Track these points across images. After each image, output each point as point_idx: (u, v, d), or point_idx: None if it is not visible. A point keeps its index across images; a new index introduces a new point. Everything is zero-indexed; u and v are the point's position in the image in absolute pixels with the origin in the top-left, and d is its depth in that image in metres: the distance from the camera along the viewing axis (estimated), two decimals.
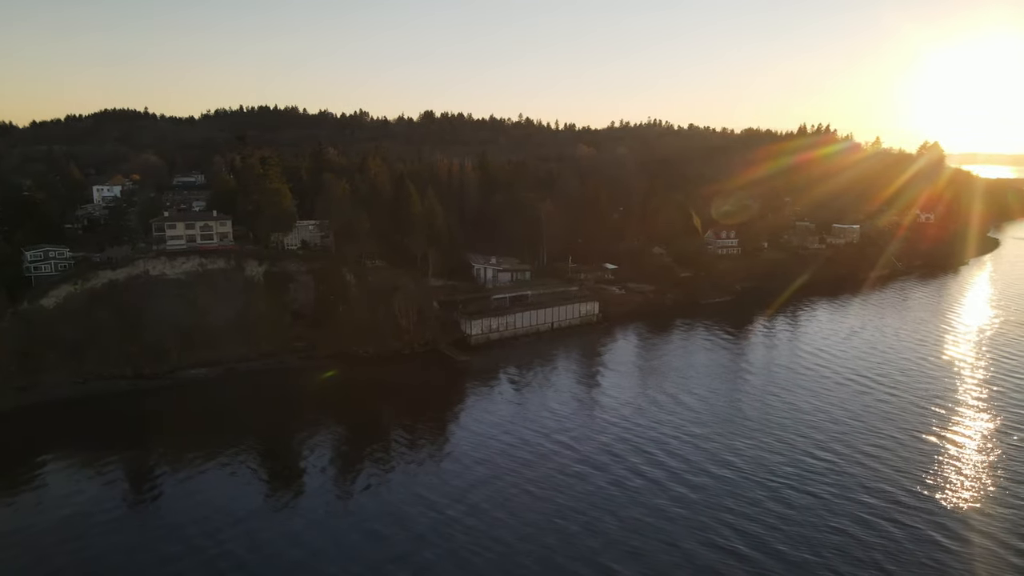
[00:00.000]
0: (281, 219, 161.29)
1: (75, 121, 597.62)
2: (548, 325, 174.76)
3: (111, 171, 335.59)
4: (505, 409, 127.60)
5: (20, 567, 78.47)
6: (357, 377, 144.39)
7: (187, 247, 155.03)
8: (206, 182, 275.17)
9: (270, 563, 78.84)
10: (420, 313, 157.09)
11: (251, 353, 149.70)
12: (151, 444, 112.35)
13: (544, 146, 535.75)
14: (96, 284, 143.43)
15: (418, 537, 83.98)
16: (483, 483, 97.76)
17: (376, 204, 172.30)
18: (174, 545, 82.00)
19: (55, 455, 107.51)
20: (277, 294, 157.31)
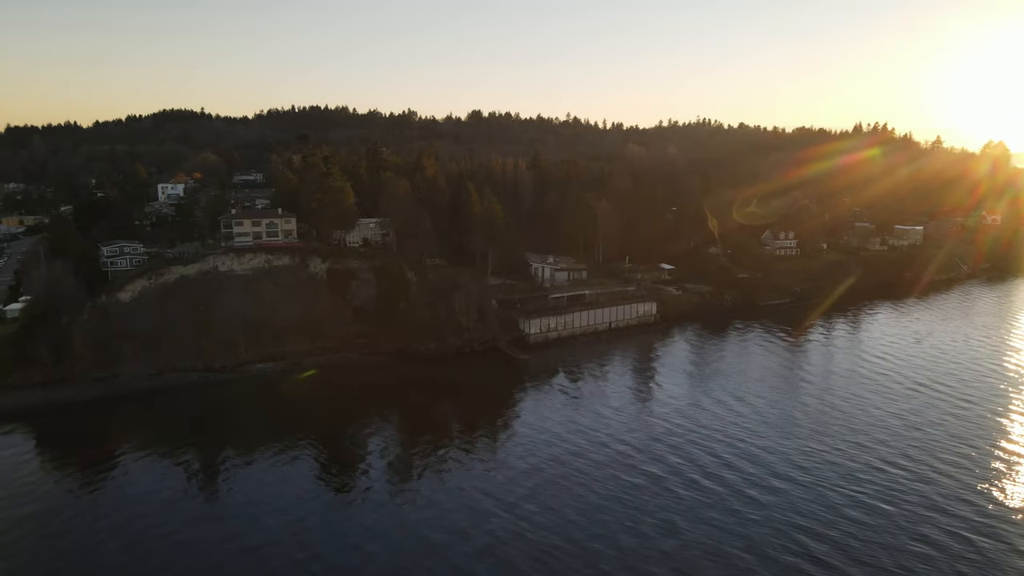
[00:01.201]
0: (344, 217, 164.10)
1: (135, 121, 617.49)
2: (606, 325, 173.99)
3: (174, 169, 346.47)
4: (566, 409, 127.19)
5: (109, 552, 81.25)
6: (419, 374, 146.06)
7: (253, 244, 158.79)
8: (265, 180, 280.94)
9: (349, 555, 80.00)
10: (480, 311, 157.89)
11: (314, 348, 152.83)
12: (223, 436, 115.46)
13: (593, 145, 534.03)
14: (169, 279, 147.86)
15: (491, 533, 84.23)
16: (549, 482, 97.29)
17: (435, 203, 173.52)
18: (254, 535, 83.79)
19: (132, 445, 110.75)
20: (339, 291, 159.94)
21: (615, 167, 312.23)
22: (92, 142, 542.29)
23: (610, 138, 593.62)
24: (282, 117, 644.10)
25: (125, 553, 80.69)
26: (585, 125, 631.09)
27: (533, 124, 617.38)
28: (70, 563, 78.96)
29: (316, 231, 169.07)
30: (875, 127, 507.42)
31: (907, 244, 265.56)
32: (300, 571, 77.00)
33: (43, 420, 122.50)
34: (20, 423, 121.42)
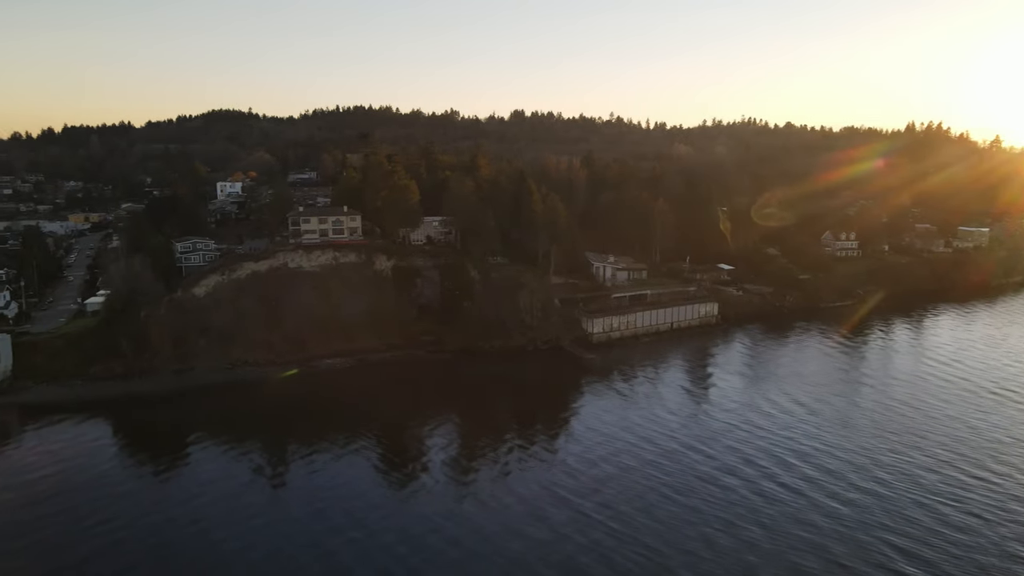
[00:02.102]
0: (409, 215, 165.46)
1: (186, 121, 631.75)
2: (668, 325, 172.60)
3: (229, 168, 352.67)
4: (634, 409, 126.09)
5: (181, 539, 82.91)
6: (484, 371, 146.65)
7: (320, 241, 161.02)
8: (319, 178, 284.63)
9: (417, 549, 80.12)
10: (544, 310, 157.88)
11: (380, 345, 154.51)
12: (292, 429, 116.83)
13: (637, 144, 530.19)
14: (241, 275, 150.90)
15: (556, 531, 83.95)
16: (614, 481, 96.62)
17: (496, 201, 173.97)
18: (322, 528, 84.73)
19: (205, 437, 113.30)
20: (404, 288, 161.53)
21: (665, 167, 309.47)
22: (145, 142, 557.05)
23: (653, 137, 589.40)
24: (327, 117, 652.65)
25: (195, 540, 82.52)
26: (628, 124, 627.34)
27: (576, 123, 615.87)
28: (141, 546, 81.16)
29: (380, 229, 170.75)
30: (929, 126, 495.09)
31: (972, 246, 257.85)
32: (361, 562, 77.77)
33: (123, 410, 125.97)
34: (102, 413, 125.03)
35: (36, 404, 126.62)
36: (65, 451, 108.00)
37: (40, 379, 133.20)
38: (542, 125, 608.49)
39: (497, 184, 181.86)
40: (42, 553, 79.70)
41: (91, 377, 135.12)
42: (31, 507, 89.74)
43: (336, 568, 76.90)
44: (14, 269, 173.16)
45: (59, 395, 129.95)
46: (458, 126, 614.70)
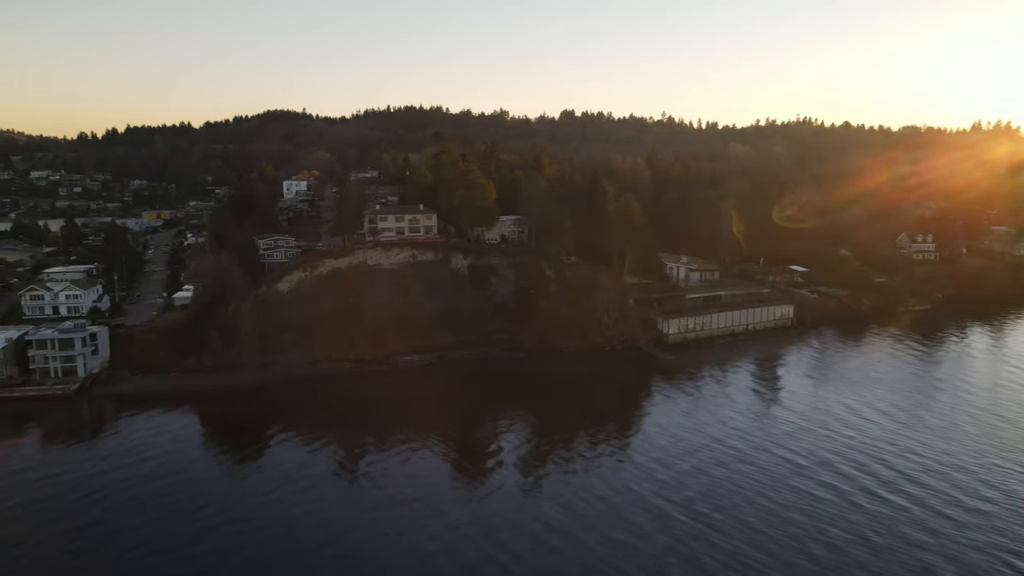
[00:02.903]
0: (485, 214, 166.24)
1: (243, 121, 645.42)
2: (743, 327, 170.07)
3: (288, 168, 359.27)
4: (712, 410, 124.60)
5: (259, 526, 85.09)
6: (561, 370, 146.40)
7: (397, 239, 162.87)
8: (382, 177, 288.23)
9: (501, 547, 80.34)
10: (620, 310, 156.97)
11: (457, 342, 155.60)
12: (372, 424, 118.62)
13: (690, 144, 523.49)
14: (322, 271, 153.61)
15: (636, 528, 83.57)
16: (702, 484, 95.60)
17: (570, 201, 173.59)
18: (389, 522, 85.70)
19: (289, 429, 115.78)
20: (480, 286, 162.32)
21: (727, 167, 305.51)
22: (205, 142, 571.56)
23: (706, 137, 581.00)
24: (378, 117, 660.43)
25: (278, 529, 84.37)
26: (679, 124, 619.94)
27: (627, 123, 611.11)
28: (230, 532, 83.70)
29: (455, 227, 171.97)
30: (997, 125, 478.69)
31: None
32: (445, 559, 78.46)
33: (211, 402, 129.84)
34: (192, 404, 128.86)
35: (133, 394, 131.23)
36: (157, 439, 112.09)
37: (136, 370, 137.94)
38: (593, 125, 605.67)
39: (571, 183, 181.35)
40: (145, 535, 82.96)
41: (183, 369, 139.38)
42: (129, 490, 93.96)
43: (422, 563, 77.60)
44: (102, 264, 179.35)
45: (153, 386, 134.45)
46: (508, 126, 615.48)
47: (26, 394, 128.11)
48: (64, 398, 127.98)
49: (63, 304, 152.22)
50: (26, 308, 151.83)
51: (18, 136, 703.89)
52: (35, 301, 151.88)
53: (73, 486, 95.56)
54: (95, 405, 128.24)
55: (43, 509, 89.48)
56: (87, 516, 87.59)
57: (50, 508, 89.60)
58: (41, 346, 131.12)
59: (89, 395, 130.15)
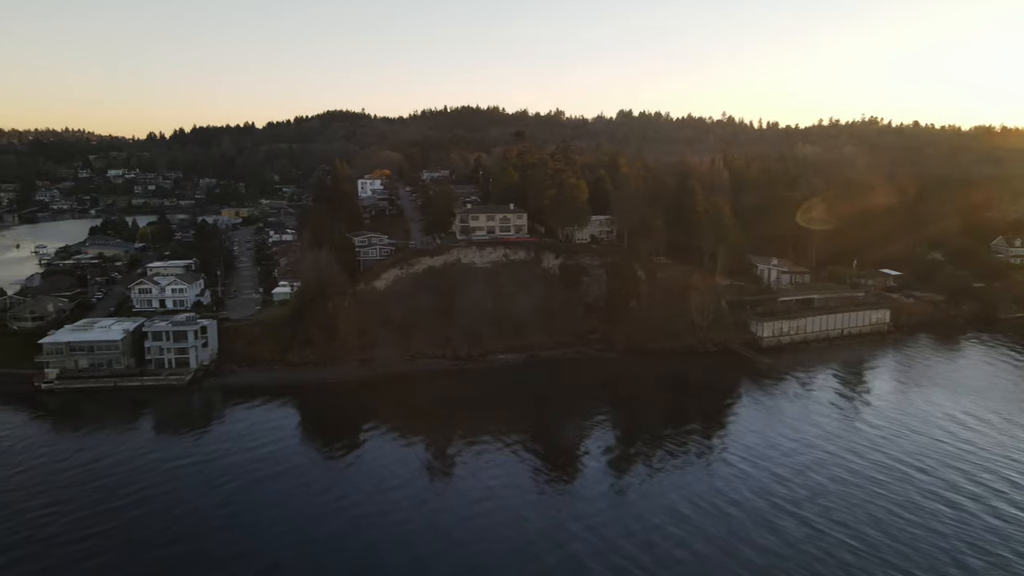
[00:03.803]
0: (577, 214, 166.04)
1: (304, 121, 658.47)
2: (838, 331, 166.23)
3: (356, 167, 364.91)
4: (820, 415, 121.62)
5: (361, 520, 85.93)
6: (655, 371, 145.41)
7: (490, 238, 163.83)
8: (453, 176, 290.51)
9: (560, 546, 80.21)
10: (715, 312, 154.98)
11: (550, 342, 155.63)
12: (467, 421, 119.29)
13: (752, 144, 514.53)
14: (418, 269, 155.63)
15: (787, 541, 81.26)
16: (829, 491, 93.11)
17: (659, 202, 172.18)
18: (475, 520, 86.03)
19: (384, 424, 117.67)
20: (571, 286, 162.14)
21: (804, 168, 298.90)
22: (267, 141, 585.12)
23: (768, 137, 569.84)
24: (436, 116, 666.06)
25: (372, 522, 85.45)
26: (740, 124, 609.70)
27: (686, 123, 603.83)
28: (323, 522, 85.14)
29: (544, 227, 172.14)
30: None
31: None
32: (544, 554, 78.79)
33: (312, 395, 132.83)
34: (294, 396, 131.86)
35: (239, 386, 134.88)
36: (259, 429, 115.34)
37: (242, 363, 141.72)
38: (652, 125, 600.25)
39: (661, 184, 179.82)
40: (239, 523, 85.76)
41: (287, 363, 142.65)
42: (230, 478, 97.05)
43: (534, 560, 77.82)
44: (198, 259, 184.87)
45: (259, 379, 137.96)
46: (565, 126, 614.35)
47: (144, 383, 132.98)
48: (178, 388, 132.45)
49: (169, 298, 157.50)
50: (135, 301, 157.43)
51: (90, 136, 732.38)
52: (143, 295, 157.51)
53: (198, 469, 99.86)
54: (205, 396, 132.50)
55: (176, 489, 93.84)
56: (216, 496, 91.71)
57: (179, 489, 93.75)
58: (157, 338, 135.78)
59: (201, 386, 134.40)
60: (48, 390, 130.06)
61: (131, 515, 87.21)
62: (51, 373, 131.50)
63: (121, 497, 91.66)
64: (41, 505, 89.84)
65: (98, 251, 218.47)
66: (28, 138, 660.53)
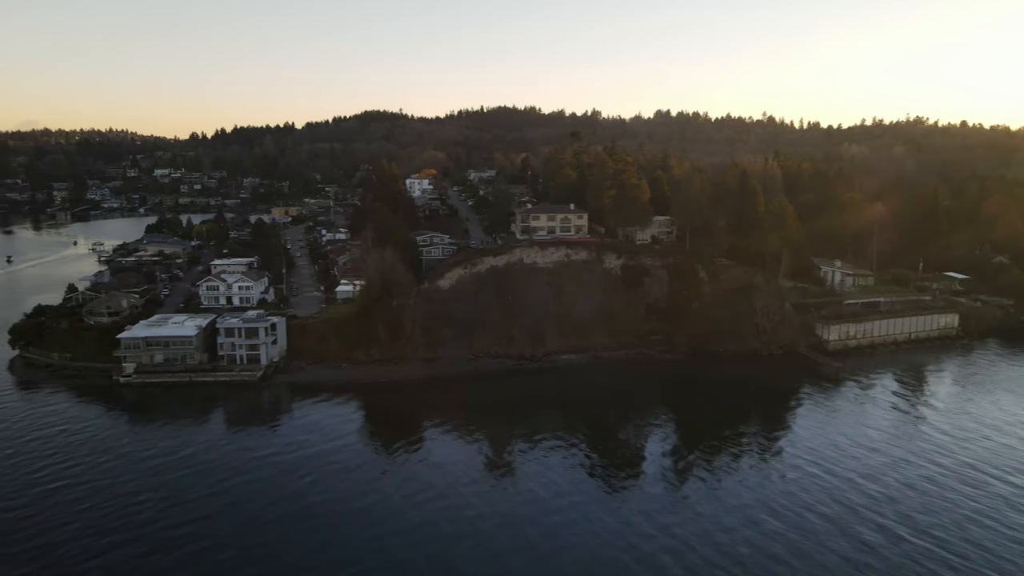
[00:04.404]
0: (639, 214, 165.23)
1: (342, 121, 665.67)
2: (905, 335, 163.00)
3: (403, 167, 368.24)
4: (898, 421, 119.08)
5: (416, 517, 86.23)
6: (719, 374, 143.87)
7: (552, 238, 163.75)
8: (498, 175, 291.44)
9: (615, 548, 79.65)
10: (780, 314, 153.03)
11: (612, 343, 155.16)
12: (529, 421, 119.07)
13: (794, 145, 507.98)
14: (481, 269, 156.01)
15: (816, 538, 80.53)
16: (913, 499, 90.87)
17: (720, 202, 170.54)
18: (531, 521, 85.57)
19: (447, 422, 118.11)
20: (632, 287, 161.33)
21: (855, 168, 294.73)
22: (306, 141, 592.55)
23: (810, 138, 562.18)
24: (473, 117, 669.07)
25: (427, 519, 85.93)
26: (781, 124, 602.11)
27: (725, 123, 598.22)
28: (391, 519, 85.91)
29: (604, 227, 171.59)
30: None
31: None
32: (620, 553, 78.32)
33: (377, 393, 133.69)
34: (359, 394, 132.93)
35: (308, 383, 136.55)
36: (330, 425, 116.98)
37: (310, 360, 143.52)
38: (691, 125, 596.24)
39: (722, 184, 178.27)
40: (317, 514, 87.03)
41: (353, 361, 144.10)
42: (307, 472, 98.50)
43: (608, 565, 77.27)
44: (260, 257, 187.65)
45: (327, 376, 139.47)
46: (603, 126, 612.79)
47: (217, 379, 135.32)
48: (250, 384, 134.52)
49: (235, 295, 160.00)
50: (203, 298, 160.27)
51: (133, 136, 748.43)
52: (211, 291, 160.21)
53: (276, 462, 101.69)
54: (275, 392, 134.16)
55: (258, 480, 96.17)
56: (294, 489, 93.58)
57: (261, 480, 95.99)
58: (229, 334, 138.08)
59: (271, 382, 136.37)
60: (126, 383, 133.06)
61: (218, 504, 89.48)
62: (129, 367, 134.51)
63: (209, 486, 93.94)
64: (132, 491, 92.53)
65: (158, 248, 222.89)
66: (74, 139, 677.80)
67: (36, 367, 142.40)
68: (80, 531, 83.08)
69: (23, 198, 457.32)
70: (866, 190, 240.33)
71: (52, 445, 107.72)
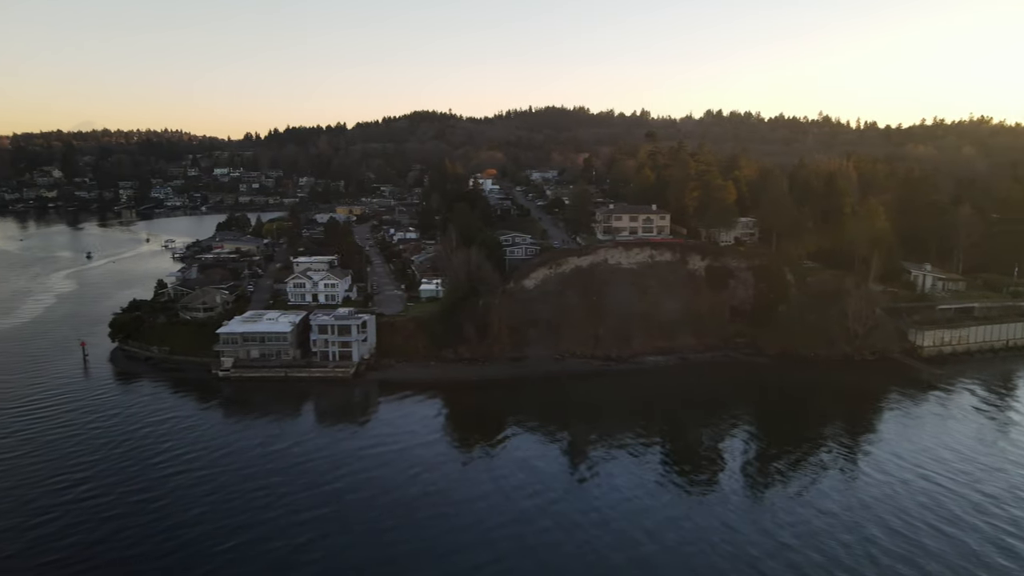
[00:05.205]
0: (725, 215, 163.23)
1: (392, 121, 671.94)
2: (1003, 342, 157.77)
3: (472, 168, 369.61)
4: (988, 431, 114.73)
5: (487, 517, 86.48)
6: (811, 378, 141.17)
7: (635, 238, 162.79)
8: (560, 176, 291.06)
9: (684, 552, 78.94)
10: (872, 318, 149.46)
11: (698, 345, 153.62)
12: (613, 423, 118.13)
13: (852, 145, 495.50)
14: (566, 269, 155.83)
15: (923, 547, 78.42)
16: (999, 508, 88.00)
17: (806, 204, 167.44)
18: (607, 523, 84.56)
19: (529, 422, 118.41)
20: (717, 289, 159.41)
21: (929, 170, 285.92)
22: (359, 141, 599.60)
23: (868, 137, 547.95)
24: (522, 117, 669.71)
25: (500, 519, 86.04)
26: (837, 124, 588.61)
27: (781, 123, 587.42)
28: (452, 515, 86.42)
29: (685, 228, 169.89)
30: None
31: None
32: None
33: (464, 392, 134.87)
34: (450, 392, 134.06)
35: (397, 380, 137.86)
36: (419, 420, 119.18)
37: (399, 358, 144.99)
38: (744, 125, 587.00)
39: (808, 185, 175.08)
40: (440, 512, 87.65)
41: (441, 359, 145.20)
42: (421, 468, 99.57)
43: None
44: (339, 255, 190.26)
45: (416, 373, 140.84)
46: (653, 126, 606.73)
47: (312, 375, 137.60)
48: (343, 380, 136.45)
49: (321, 292, 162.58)
50: (290, 295, 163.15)
51: (188, 136, 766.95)
52: (298, 288, 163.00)
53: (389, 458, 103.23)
54: (367, 388, 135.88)
55: (378, 476, 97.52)
56: (410, 482, 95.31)
57: (381, 476, 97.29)
58: (322, 331, 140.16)
59: (363, 379, 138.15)
60: (224, 377, 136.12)
61: (343, 501, 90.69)
62: (227, 361, 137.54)
63: (329, 481, 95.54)
64: (255, 488, 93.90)
65: (235, 246, 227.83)
66: (133, 139, 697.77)
67: (136, 359, 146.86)
68: (204, 516, 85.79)
69: (91, 196, 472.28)
70: (943, 192, 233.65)
71: (164, 434, 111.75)
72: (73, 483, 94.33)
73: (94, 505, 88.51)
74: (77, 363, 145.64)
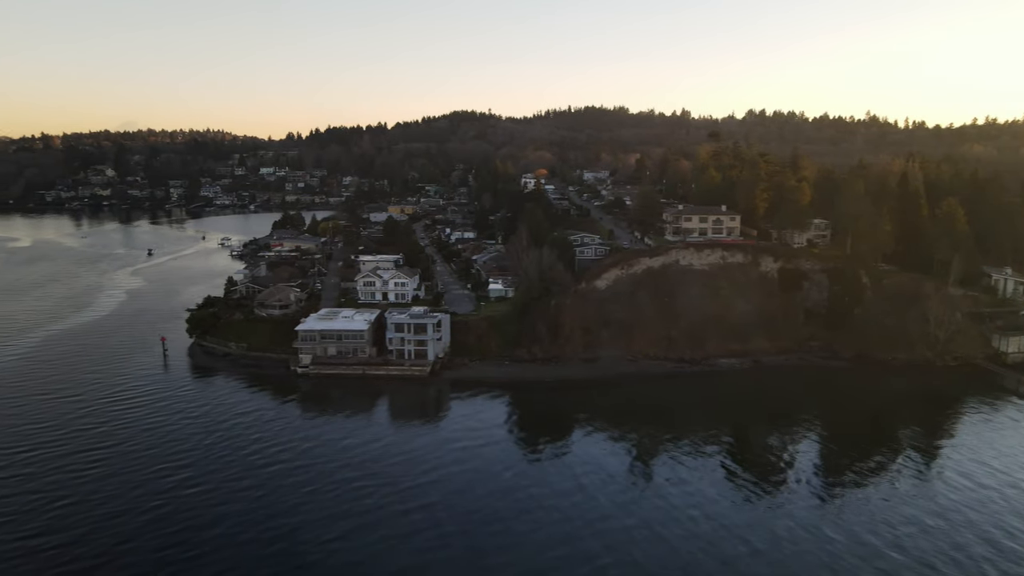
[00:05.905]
0: (798, 216, 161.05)
1: (433, 121, 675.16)
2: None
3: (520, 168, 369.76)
4: None
5: (557, 517, 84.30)
6: (890, 383, 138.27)
7: (706, 240, 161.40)
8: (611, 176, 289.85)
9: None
10: (954, 323, 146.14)
11: (772, 348, 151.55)
12: (683, 426, 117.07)
13: (902, 145, 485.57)
14: (637, 270, 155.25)
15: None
16: None
17: (881, 205, 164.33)
18: (670, 525, 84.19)
19: (599, 423, 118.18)
20: (790, 291, 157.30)
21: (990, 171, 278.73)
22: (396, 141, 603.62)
23: (919, 137, 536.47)
24: (561, 116, 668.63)
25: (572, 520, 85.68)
26: (885, 124, 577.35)
27: (827, 123, 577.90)
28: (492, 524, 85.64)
29: (755, 229, 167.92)
30: None
31: None
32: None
33: (535, 391, 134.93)
34: (525, 391, 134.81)
35: (472, 379, 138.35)
36: (502, 420, 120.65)
37: (473, 357, 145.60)
38: (788, 125, 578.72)
39: (883, 187, 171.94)
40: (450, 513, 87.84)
41: (515, 358, 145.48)
42: (506, 467, 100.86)
43: None
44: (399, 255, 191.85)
45: (490, 373, 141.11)
46: (694, 126, 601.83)
47: (389, 372, 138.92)
48: (420, 379, 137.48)
49: (391, 291, 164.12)
50: (360, 293, 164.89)
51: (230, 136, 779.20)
52: (368, 287, 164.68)
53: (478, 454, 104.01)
54: (442, 387, 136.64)
55: (470, 470, 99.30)
56: (501, 483, 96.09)
57: (471, 471, 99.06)
58: (399, 329, 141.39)
59: (439, 377, 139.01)
60: (303, 374, 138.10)
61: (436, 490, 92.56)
62: (305, 358, 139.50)
63: (422, 474, 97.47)
64: (358, 477, 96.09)
65: (294, 244, 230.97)
66: (178, 138, 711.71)
67: (214, 355, 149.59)
68: (312, 511, 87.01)
69: (143, 195, 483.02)
70: (1011, 193, 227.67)
71: (251, 425, 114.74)
72: (174, 470, 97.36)
73: (198, 493, 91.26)
74: (157, 357, 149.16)
